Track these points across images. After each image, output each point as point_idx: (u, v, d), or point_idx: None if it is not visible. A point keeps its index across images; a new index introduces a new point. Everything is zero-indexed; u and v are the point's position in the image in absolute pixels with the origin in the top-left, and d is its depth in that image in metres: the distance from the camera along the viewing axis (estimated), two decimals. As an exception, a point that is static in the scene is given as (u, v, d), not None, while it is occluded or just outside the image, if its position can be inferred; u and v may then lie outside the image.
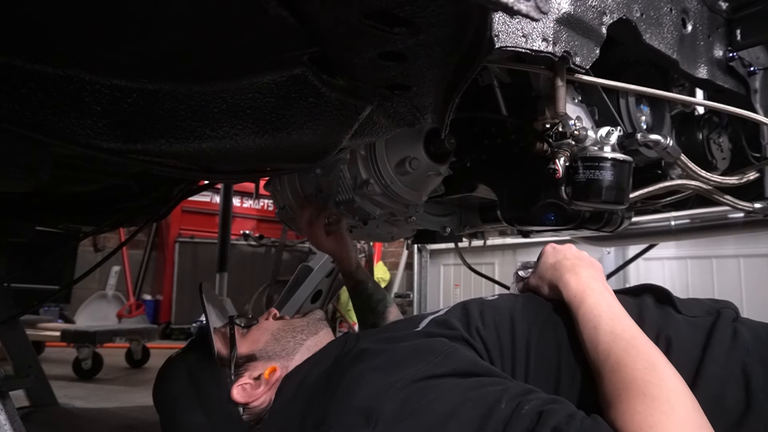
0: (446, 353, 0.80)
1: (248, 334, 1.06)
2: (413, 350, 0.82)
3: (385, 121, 0.82)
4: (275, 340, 1.04)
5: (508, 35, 0.81)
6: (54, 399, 2.27)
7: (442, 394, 0.72)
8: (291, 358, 1.02)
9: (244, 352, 1.01)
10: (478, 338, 0.88)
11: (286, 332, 1.06)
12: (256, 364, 1.00)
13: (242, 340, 1.04)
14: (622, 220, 1.25)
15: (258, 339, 1.04)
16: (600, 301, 0.86)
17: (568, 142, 1.02)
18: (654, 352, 0.75)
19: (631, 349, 0.75)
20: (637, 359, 0.73)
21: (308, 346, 1.04)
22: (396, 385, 0.74)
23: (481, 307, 0.95)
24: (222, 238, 3.07)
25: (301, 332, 1.06)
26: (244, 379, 0.98)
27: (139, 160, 0.85)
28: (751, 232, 1.78)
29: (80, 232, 1.92)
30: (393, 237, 1.73)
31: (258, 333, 1.06)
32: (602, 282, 0.93)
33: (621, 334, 0.78)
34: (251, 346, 1.03)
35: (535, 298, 0.99)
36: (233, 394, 0.96)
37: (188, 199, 2.72)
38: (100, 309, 4.57)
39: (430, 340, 0.85)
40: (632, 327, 0.81)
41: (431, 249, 4.83)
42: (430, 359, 0.78)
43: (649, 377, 0.70)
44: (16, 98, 0.67)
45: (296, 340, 1.05)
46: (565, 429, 0.65)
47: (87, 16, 0.58)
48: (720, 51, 1.21)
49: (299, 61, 0.66)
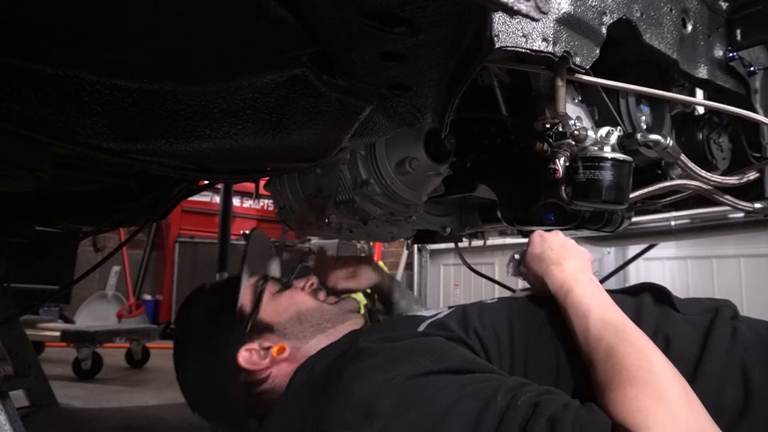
0: (443, 350, 0.80)
1: (278, 298, 1.05)
2: (410, 348, 0.82)
3: (385, 121, 0.82)
4: (298, 321, 1.03)
5: (508, 35, 0.81)
6: (54, 399, 2.26)
7: (439, 390, 0.73)
8: (306, 342, 1.01)
9: (264, 320, 1.01)
10: (475, 338, 0.88)
11: (312, 317, 1.04)
12: (270, 336, 1.00)
13: (269, 302, 1.03)
14: (622, 220, 1.25)
15: (283, 311, 1.03)
16: (586, 291, 0.86)
17: (568, 142, 1.02)
18: (643, 338, 0.76)
19: (622, 334, 0.77)
20: (627, 345, 0.74)
21: (329, 333, 1.03)
22: (393, 381, 0.74)
23: (479, 309, 0.96)
24: (222, 238, 3.07)
25: (327, 320, 1.05)
26: (253, 344, 0.98)
27: (139, 160, 0.85)
28: (751, 232, 1.78)
29: (80, 232, 1.92)
30: (393, 237, 1.73)
31: (286, 303, 1.05)
32: (587, 273, 0.94)
33: (611, 322, 0.79)
34: (274, 316, 1.02)
35: (534, 299, 0.99)
36: (238, 355, 0.96)
37: (188, 199, 2.73)
38: (100, 309, 4.56)
39: (428, 339, 0.85)
40: (620, 315, 0.82)
41: (431, 249, 4.82)
42: (427, 356, 0.78)
43: (639, 362, 0.71)
44: (16, 98, 0.67)
45: (319, 328, 1.03)
46: (560, 418, 0.66)
47: (87, 16, 0.58)
48: (720, 51, 1.21)
49: (299, 61, 0.66)
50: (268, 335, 1.00)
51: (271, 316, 1.02)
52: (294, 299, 1.06)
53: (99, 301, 4.64)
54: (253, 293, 1.04)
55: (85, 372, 3.16)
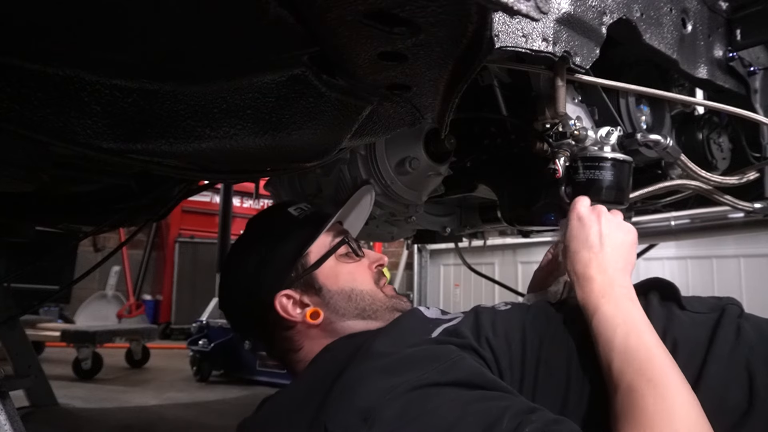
0: (453, 361, 0.78)
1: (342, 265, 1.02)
2: (420, 355, 0.80)
3: (385, 121, 0.82)
4: (348, 297, 1.00)
5: (508, 35, 0.81)
6: (54, 399, 2.27)
7: (443, 404, 0.71)
8: (343, 320, 0.99)
9: (318, 279, 0.99)
10: (487, 348, 0.86)
11: (362, 300, 1.01)
12: (314, 297, 0.98)
13: (333, 265, 1.01)
14: (622, 220, 1.24)
15: (339, 281, 1.01)
16: (616, 313, 0.81)
17: (568, 142, 1.02)
18: (667, 375, 0.72)
19: (645, 371, 0.72)
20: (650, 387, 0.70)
21: (369, 322, 1.01)
22: (397, 389, 0.73)
23: (493, 317, 0.93)
24: (222, 238, 3.07)
25: (374, 311, 1.02)
26: (295, 294, 0.97)
27: (139, 160, 0.85)
28: (751, 232, 1.78)
29: (80, 232, 1.92)
30: (393, 237, 1.73)
31: (347, 275, 1.02)
32: (624, 278, 0.88)
33: (635, 354, 0.75)
34: (329, 280, 1.00)
35: (548, 308, 0.97)
36: (276, 294, 0.96)
37: (188, 199, 2.72)
38: (100, 309, 4.56)
39: (438, 347, 0.83)
40: (647, 339, 0.77)
41: (431, 249, 4.82)
42: (435, 366, 0.77)
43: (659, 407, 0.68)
44: (16, 98, 0.67)
45: (364, 313, 1.01)
46: None
47: (87, 16, 0.58)
48: (720, 51, 1.21)
49: (299, 61, 0.67)
50: (313, 294, 0.98)
51: (327, 279, 1.00)
52: (355, 274, 1.03)
53: (99, 301, 4.64)
54: (325, 248, 1.02)
55: (85, 372, 3.16)
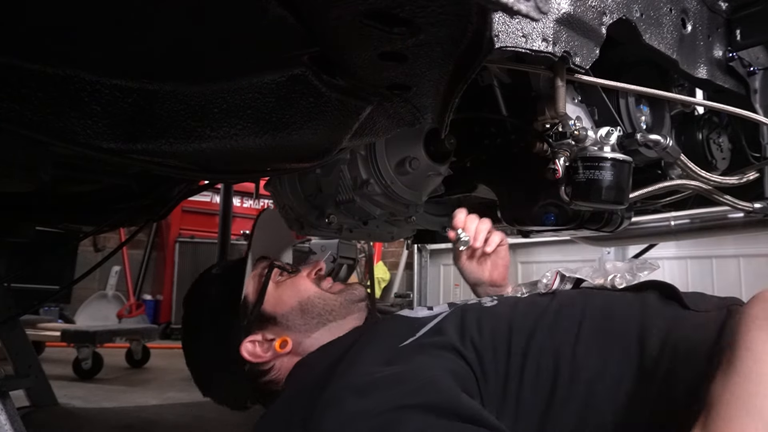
0: (427, 381, 0.76)
1: (282, 286, 1.03)
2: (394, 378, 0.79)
3: (385, 121, 0.82)
4: (301, 312, 1.01)
5: (508, 35, 0.81)
6: (54, 399, 2.26)
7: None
8: (308, 335, 1.00)
9: (267, 310, 1.00)
10: (471, 348, 0.85)
11: (315, 307, 1.02)
12: (274, 327, 0.99)
13: (273, 291, 1.02)
14: (622, 220, 1.24)
15: (286, 301, 1.02)
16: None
17: (568, 142, 1.02)
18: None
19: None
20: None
21: (331, 327, 1.01)
22: (369, 413, 0.72)
23: (479, 314, 0.92)
24: (222, 238, 3.07)
25: (330, 312, 1.03)
26: (257, 336, 0.98)
27: (139, 160, 0.85)
28: (751, 232, 1.77)
29: (80, 232, 1.92)
30: (393, 237, 1.73)
31: (290, 292, 1.03)
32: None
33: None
34: (277, 306, 1.01)
35: (536, 302, 0.96)
36: (241, 347, 0.97)
37: (188, 199, 2.72)
38: (100, 309, 4.56)
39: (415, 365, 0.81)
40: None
41: (431, 249, 4.82)
42: (408, 387, 0.75)
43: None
44: (16, 98, 0.67)
45: (321, 319, 1.02)
46: None
47: (87, 16, 0.58)
48: (720, 51, 1.21)
49: (299, 61, 0.67)
50: (271, 327, 0.99)
51: (275, 306, 1.01)
52: (297, 287, 1.04)
53: (99, 301, 4.64)
54: (258, 282, 1.03)
55: (85, 372, 3.16)
